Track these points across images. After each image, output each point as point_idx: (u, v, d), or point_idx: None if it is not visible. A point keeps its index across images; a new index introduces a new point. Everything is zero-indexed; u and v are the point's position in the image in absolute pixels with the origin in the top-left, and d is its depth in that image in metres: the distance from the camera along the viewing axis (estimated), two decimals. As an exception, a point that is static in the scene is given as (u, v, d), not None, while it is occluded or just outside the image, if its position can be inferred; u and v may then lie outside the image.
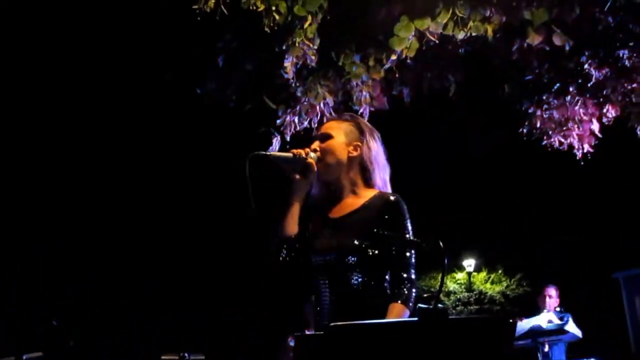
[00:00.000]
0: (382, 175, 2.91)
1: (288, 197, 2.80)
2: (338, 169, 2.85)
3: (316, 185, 2.88)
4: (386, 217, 2.74)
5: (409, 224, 2.77)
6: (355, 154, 2.86)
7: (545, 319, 7.05)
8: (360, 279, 2.68)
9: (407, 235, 2.74)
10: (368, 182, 2.88)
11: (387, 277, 2.72)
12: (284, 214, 2.79)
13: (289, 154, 2.78)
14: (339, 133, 2.88)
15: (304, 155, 2.78)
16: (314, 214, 2.87)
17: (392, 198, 2.79)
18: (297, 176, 2.79)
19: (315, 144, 2.85)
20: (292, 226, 2.78)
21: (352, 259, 2.68)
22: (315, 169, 2.79)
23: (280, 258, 2.76)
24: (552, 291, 7.40)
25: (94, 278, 13.26)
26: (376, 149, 2.93)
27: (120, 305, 13.66)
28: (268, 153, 2.76)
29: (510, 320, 2.05)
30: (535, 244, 18.84)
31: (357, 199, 2.83)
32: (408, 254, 2.73)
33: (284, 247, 2.76)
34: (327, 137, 2.87)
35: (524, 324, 6.97)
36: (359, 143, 2.88)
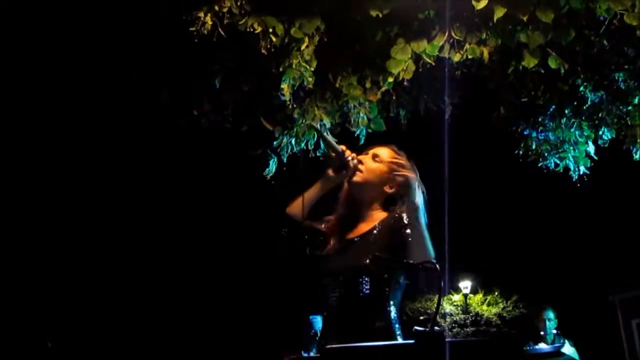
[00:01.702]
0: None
1: (312, 184, 2.84)
2: (364, 189, 2.88)
3: (342, 207, 2.91)
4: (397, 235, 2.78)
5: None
6: (389, 191, 2.89)
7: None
8: (369, 298, 2.69)
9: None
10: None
11: (391, 299, 2.75)
12: (301, 197, 2.83)
13: (338, 147, 2.85)
14: (387, 164, 2.93)
15: (348, 154, 2.83)
16: (333, 233, 2.90)
17: (396, 216, 2.82)
18: (331, 170, 2.84)
19: (364, 157, 2.91)
20: (297, 207, 2.82)
21: (364, 278, 2.70)
22: (351, 171, 2.83)
23: (283, 232, 2.81)
24: (550, 314, 7.40)
25: (92, 282, 13.22)
26: (418, 204, 2.93)
27: (118, 309, 13.62)
28: (326, 136, 2.85)
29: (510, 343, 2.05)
30: (531, 265, 18.81)
31: (371, 221, 2.85)
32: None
33: (287, 223, 2.80)
34: (377, 159, 2.92)
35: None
36: (395, 186, 2.91)
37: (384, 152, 2.99)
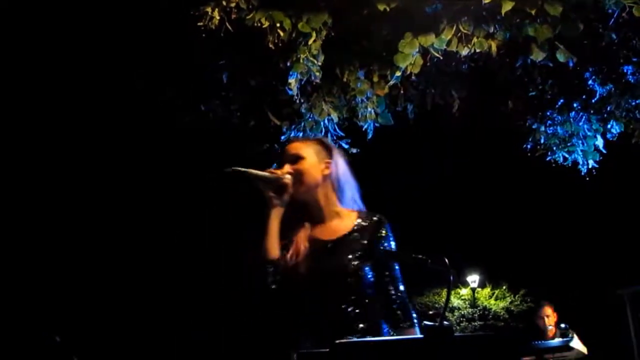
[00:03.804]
0: (351, 193, 2.92)
1: (265, 218, 2.77)
2: (314, 189, 2.84)
3: (291, 207, 2.86)
4: (376, 237, 2.76)
5: (394, 241, 2.80)
6: (327, 172, 2.86)
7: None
8: (355, 300, 2.67)
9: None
10: (341, 201, 2.88)
11: (379, 297, 2.74)
12: (262, 234, 2.76)
13: (267, 173, 2.78)
14: (310, 153, 2.88)
15: (280, 175, 2.77)
16: (295, 233, 2.85)
17: (377, 218, 2.81)
18: (272, 196, 2.77)
19: (287, 168, 2.84)
20: (272, 247, 2.75)
21: (350, 280, 2.68)
22: (290, 189, 2.78)
23: (266, 282, 2.74)
24: (548, 311, 7.39)
25: (95, 282, 13.25)
26: (344, 167, 2.94)
27: (122, 309, 13.65)
28: (246, 170, 2.74)
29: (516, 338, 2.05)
30: (539, 259, 18.78)
31: (344, 221, 2.83)
32: (396, 269, 2.77)
33: (268, 270, 2.73)
34: (298, 158, 2.87)
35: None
36: (330, 161, 2.88)
37: (299, 147, 2.94)
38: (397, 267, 2.81)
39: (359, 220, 2.82)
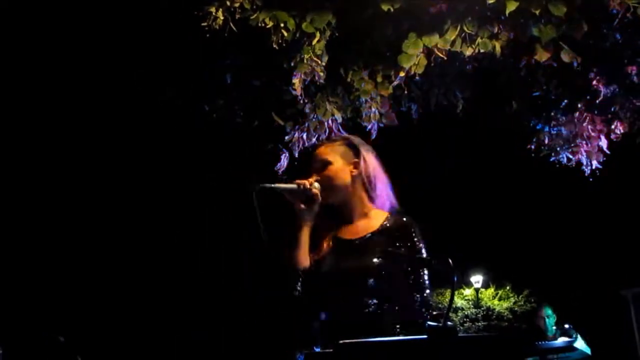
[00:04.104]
0: (385, 189, 2.91)
1: (295, 228, 2.77)
2: (344, 192, 2.84)
3: (320, 209, 2.85)
4: (402, 239, 2.74)
5: (422, 246, 2.77)
6: (356, 172, 2.86)
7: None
8: (376, 301, 2.67)
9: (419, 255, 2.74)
10: (373, 199, 2.87)
11: (400, 300, 2.72)
12: (294, 245, 2.76)
13: (294, 185, 2.77)
14: (335, 157, 2.87)
15: (308, 186, 2.77)
16: (322, 235, 2.85)
17: (406, 220, 2.80)
18: (302, 206, 2.77)
19: (314, 176, 2.83)
20: (303, 258, 2.76)
21: (372, 281, 2.68)
22: (320, 198, 2.78)
23: (295, 292, 2.73)
24: (548, 311, 7.42)
25: (97, 283, 13.26)
26: (374, 163, 2.93)
27: (125, 310, 13.66)
28: (273, 185, 2.74)
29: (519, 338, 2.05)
30: (542, 260, 18.77)
31: (371, 221, 2.82)
32: (422, 273, 2.74)
33: (297, 280, 2.73)
34: (325, 164, 2.86)
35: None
36: (357, 160, 2.88)
37: (325, 152, 2.92)
38: (424, 271, 2.77)
39: (387, 221, 2.81)
